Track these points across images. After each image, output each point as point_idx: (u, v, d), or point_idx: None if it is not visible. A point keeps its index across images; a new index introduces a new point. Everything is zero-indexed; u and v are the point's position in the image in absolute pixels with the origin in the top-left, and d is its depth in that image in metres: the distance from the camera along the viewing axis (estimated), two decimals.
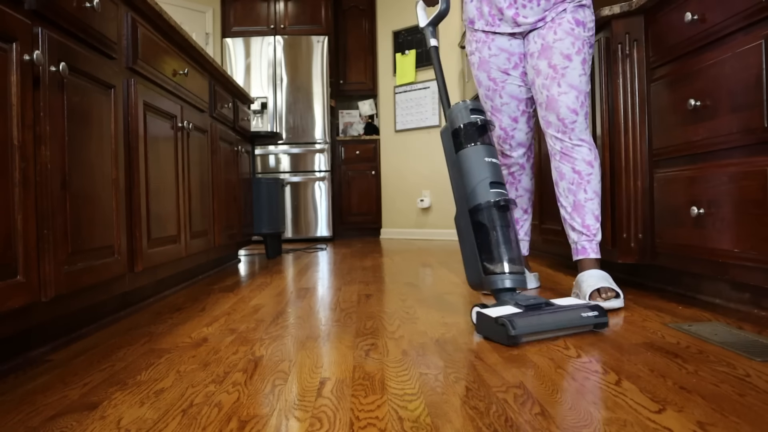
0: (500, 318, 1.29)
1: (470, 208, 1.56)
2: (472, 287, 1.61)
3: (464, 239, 1.59)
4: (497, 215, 1.54)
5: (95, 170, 1.47)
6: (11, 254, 1.11)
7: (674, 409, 0.89)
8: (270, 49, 5.17)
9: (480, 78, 1.98)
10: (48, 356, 1.30)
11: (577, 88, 1.78)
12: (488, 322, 1.33)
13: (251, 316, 1.70)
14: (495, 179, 1.56)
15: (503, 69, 1.92)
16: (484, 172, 1.56)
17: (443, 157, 5.02)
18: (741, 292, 1.60)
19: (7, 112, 1.10)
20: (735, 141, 1.47)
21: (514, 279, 1.49)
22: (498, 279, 1.49)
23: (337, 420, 0.87)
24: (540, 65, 1.82)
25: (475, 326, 1.42)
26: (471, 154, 1.59)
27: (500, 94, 1.95)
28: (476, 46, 1.96)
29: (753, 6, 1.38)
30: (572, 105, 1.78)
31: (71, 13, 1.37)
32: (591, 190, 1.80)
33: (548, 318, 1.33)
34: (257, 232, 3.46)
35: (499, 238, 1.52)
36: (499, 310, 1.37)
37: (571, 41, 1.77)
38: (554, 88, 1.79)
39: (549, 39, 1.80)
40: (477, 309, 1.42)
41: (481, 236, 1.54)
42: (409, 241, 4.87)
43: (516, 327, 1.26)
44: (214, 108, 2.63)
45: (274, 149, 5.17)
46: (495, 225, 1.53)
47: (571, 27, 1.78)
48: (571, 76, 1.77)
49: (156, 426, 0.87)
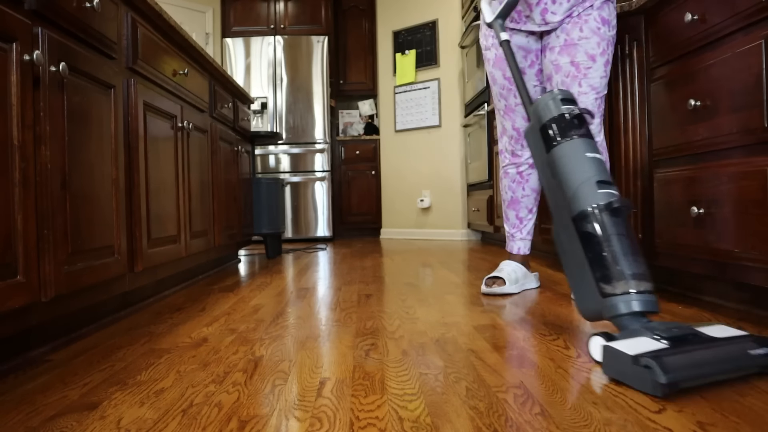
0: (642, 358, 0.96)
1: (574, 216, 1.25)
2: (588, 318, 1.27)
3: (569, 256, 1.29)
4: (611, 221, 1.21)
5: (95, 170, 1.47)
6: (11, 254, 1.11)
7: (674, 409, 0.89)
8: (270, 49, 5.17)
9: (495, 75, 1.95)
10: (48, 356, 1.30)
11: (597, 89, 1.76)
12: (623, 363, 1.00)
13: (251, 316, 1.70)
14: (602, 178, 1.27)
15: (519, 68, 1.84)
16: (587, 170, 1.27)
17: (443, 157, 5.02)
18: (741, 292, 1.60)
19: (7, 112, 1.10)
20: (735, 141, 1.47)
21: (643, 300, 1.14)
22: (621, 302, 1.14)
23: (337, 420, 0.87)
24: (561, 61, 1.79)
25: (602, 365, 1.07)
26: (567, 151, 1.31)
27: (515, 94, 1.93)
28: (493, 42, 1.92)
29: (753, 6, 1.38)
30: (591, 107, 1.76)
31: (71, 13, 1.37)
32: None
33: (706, 356, 0.99)
34: (257, 232, 3.46)
35: (616, 250, 1.18)
36: (633, 343, 1.03)
37: (597, 41, 1.74)
38: (574, 87, 1.76)
39: (574, 35, 1.76)
40: (600, 341, 1.10)
41: (593, 250, 1.21)
42: (409, 241, 4.87)
43: (668, 371, 0.92)
44: (214, 108, 2.63)
45: (274, 149, 5.17)
46: (609, 234, 1.20)
47: (598, 26, 1.74)
48: (593, 77, 1.75)
49: (156, 426, 0.87)
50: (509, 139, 2.01)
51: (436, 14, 5.08)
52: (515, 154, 2.02)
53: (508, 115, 1.97)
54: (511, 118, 1.97)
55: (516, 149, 2.01)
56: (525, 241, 2.09)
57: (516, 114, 1.96)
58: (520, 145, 2.00)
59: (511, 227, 2.10)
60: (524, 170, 2.04)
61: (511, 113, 1.96)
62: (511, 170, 2.05)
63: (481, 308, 1.75)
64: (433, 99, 5.09)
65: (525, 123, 1.95)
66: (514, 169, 2.04)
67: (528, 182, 2.05)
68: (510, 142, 2.02)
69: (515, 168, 2.04)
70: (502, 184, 2.10)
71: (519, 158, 2.02)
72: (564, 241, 1.30)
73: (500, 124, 2.04)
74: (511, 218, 2.09)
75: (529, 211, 2.08)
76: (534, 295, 1.95)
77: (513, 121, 1.97)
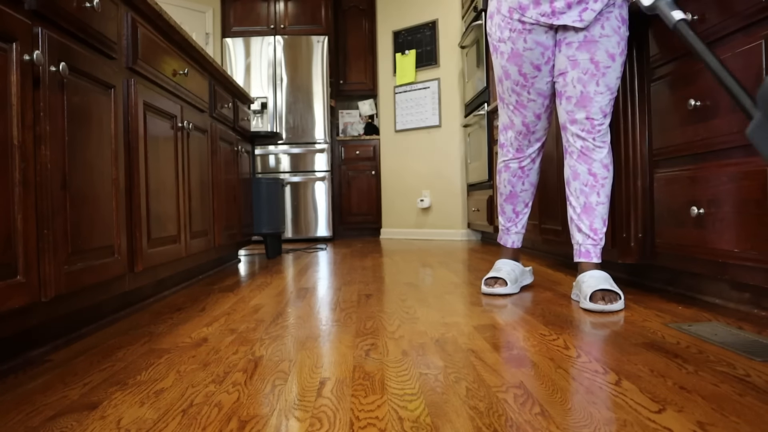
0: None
1: None
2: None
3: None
4: None
5: (95, 170, 1.47)
6: (11, 254, 1.11)
7: (674, 409, 0.89)
8: (270, 49, 5.17)
9: (509, 70, 1.89)
10: (48, 356, 1.30)
11: (612, 90, 1.77)
12: None
13: (251, 316, 1.70)
14: None
15: (536, 64, 1.84)
16: None
17: (443, 157, 5.02)
18: (741, 292, 1.60)
19: (7, 112, 1.10)
20: (735, 141, 1.47)
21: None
22: None
23: (337, 420, 0.87)
24: (580, 57, 1.76)
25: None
26: None
27: (528, 90, 1.90)
28: (510, 35, 1.83)
29: (753, 6, 1.38)
30: (605, 107, 1.77)
31: (71, 13, 1.37)
32: (604, 194, 1.80)
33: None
34: (257, 232, 3.46)
35: None
36: None
37: (617, 40, 1.73)
38: (591, 86, 1.76)
39: (595, 32, 1.73)
40: None
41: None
42: (409, 241, 4.87)
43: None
44: (214, 108, 2.64)
45: (274, 149, 5.17)
46: None
47: (618, 24, 1.73)
48: (611, 77, 1.75)
49: (156, 426, 0.87)
50: (516, 134, 1.99)
51: (436, 14, 5.08)
52: (520, 149, 2.01)
53: (519, 110, 1.94)
54: (522, 113, 1.94)
55: (523, 145, 2.00)
56: (519, 234, 2.11)
57: (528, 110, 1.93)
58: (528, 140, 1.99)
59: (507, 221, 2.10)
60: (526, 165, 2.03)
61: (523, 109, 1.93)
62: (513, 164, 2.04)
63: (481, 308, 1.75)
64: (433, 99, 5.09)
65: (535, 119, 1.94)
66: (516, 164, 2.04)
67: (528, 177, 2.05)
68: (517, 137, 2.00)
69: (517, 162, 2.03)
70: (500, 177, 2.10)
71: (523, 153, 2.02)
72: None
73: (507, 118, 2.00)
74: (507, 212, 2.10)
75: (525, 205, 2.09)
76: (534, 295, 1.95)
77: (524, 116, 1.94)
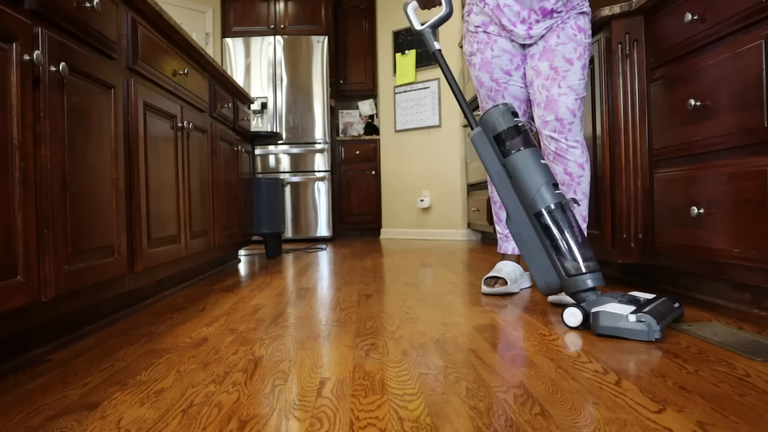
0: (640, 315, 1.29)
1: (536, 213, 1.55)
2: (545, 293, 1.58)
3: (531, 246, 1.58)
4: (563, 216, 1.53)
5: (95, 170, 1.47)
6: (11, 254, 1.11)
7: (674, 409, 0.89)
8: (270, 49, 5.17)
9: (482, 79, 2.00)
10: (48, 356, 1.30)
11: (576, 90, 1.83)
12: (618, 320, 1.30)
13: (251, 316, 1.70)
14: (554, 181, 1.58)
15: (506, 70, 1.95)
16: (543, 175, 1.56)
17: (443, 157, 5.02)
18: (741, 292, 1.60)
19: (7, 112, 1.10)
20: (735, 141, 1.47)
21: (596, 278, 1.48)
22: (581, 280, 1.47)
23: (337, 420, 0.87)
24: (541, 66, 1.86)
25: (593, 326, 1.35)
26: (525, 159, 1.58)
27: (503, 95, 1.99)
28: (478, 47, 1.99)
29: (753, 6, 1.38)
30: (571, 106, 1.82)
31: (71, 13, 1.37)
32: (581, 192, 1.87)
33: (660, 310, 1.35)
34: (257, 232, 3.46)
35: (570, 240, 1.51)
36: (613, 307, 1.35)
37: (573, 46, 1.83)
38: (554, 89, 1.83)
39: (551, 42, 1.85)
40: (576, 311, 1.42)
41: (553, 239, 1.53)
42: (409, 241, 4.87)
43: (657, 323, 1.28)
44: (214, 108, 2.63)
45: (274, 149, 5.17)
46: (563, 227, 1.52)
47: (574, 33, 1.83)
48: (572, 79, 1.82)
49: (156, 426, 0.87)
50: None
51: (436, 14, 5.08)
52: None
53: None
54: None
55: None
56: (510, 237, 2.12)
57: None
58: None
59: (504, 228, 2.12)
60: None
61: None
62: None
63: (481, 308, 1.75)
64: (433, 99, 5.09)
65: None
66: None
67: None
68: None
69: None
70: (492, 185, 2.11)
71: None
72: (523, 234, 1.60)
73: None
74: (503, 219, 2.11)
75: None
76: (534, 295, 1.95)
77: None
